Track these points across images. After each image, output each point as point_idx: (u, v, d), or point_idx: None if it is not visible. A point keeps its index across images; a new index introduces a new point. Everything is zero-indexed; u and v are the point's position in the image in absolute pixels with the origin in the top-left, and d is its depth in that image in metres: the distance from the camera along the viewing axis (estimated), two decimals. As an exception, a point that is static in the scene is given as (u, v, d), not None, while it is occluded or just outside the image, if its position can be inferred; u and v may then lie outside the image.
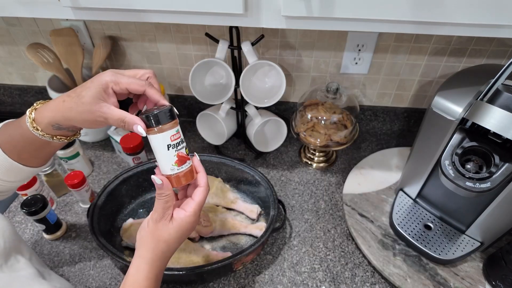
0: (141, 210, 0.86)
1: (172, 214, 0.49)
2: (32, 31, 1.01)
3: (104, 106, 0.44)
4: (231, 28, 0.82)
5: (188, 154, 0.48)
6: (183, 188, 0.53)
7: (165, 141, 0.46)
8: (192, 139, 1.08)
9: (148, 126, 0.45)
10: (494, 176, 0.58)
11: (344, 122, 0.90)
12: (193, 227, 0.50)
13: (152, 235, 0.48)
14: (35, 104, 0.47)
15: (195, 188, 0.51)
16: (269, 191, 0.80)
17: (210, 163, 0.89)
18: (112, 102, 0.45)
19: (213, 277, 0.73)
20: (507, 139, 0.56)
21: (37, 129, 0.46)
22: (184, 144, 0.48)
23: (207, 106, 1.06)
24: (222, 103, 0.94)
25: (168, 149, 0.46)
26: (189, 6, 0.57)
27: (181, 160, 0.47)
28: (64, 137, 0.49)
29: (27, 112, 0.46)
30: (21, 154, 0.49)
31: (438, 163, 0.66)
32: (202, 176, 0.50)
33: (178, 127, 0.47)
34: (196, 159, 0.52)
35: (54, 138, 0.47)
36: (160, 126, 0.45)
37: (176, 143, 0.47)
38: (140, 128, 0.44)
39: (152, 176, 0.48)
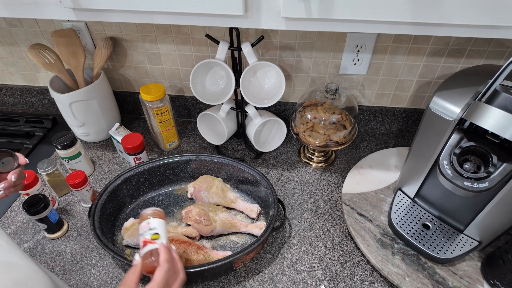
0: (142, 210, 0.86)
1: None
2: (34, 32, 1.01)
3: None
4: (231, 29, 0.83)
5: (153, 240, 0.57)
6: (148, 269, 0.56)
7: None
8: (193, 139, 1.09)
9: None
10: (492, 176, 0.59)
11: (343, 122, 0.90)
12: None
13: None
14: None
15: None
16: (269, 191, 0.80)
17: (210, 163, 0.89)
18: None
19: (213, 276, 0.73)
20: (505, 139, 0.56)
21: None
22: (152, 232, 0.58)
23: (207, 106, 1.07)
24: (222, 104, 0.95)
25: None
26: (190, 7, 0.57)
27: (144, 244, 0.57)
28: None
29: None
30: None
31: (436, 163, 0.66)
32: (162, 257, 0.54)
33: (149, 220, 0.60)
34: (162, 244, 0.57)
35: None
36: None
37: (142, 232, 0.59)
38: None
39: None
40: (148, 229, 0.58)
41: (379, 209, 0.84)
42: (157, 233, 0.58)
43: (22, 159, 0.62)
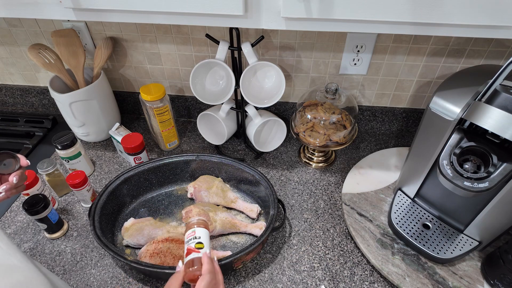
0: (142, 210, 0.86)
1: None
2: (34, 32, 1.01)
3: None
4: (231, 29, 0.83)
5: (198, 250, 0.58)
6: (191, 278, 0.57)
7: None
8: (193, 139, 1.09)
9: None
10: (492, 176, 0.59)
11: (343, 122, 0.90)
12: None
13: None
14: None
15: None
16: (269, 191, 0.80)
17: (210, 163, 0.89)
18: None
19: (213, 276, 0.73)
20: (505, 139, 0.56)
21: None
22: (196, 241, 0.60)
23: (207, 106, 1.07)
24: (222, 104, 0.95)
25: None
26: (190, 7, 0.57)
27: (188, 252, 0.59)
28: None
29: None
30: None
31: (436, 163, 0.66)
32: (204, 267, 0.55)
33: (194, 229, 0.62)
34: (206, 253, 0.58)
35: None
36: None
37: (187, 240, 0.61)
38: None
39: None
40: (193, 238, 0.60)
41: (379, 209, 0.84)
42: (201, 243, 0.59)
43: (23, 160, 0.63)
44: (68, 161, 0.91)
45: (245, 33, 0.92)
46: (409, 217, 0.79)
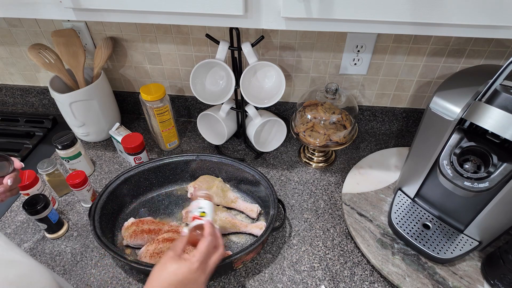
0: (142, 210, 0.86)
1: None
2: (34, 32, 1.01)
3: None
4: (231, 29, 0.83)
5: (201, 217, 0.64)
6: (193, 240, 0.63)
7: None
8: (193, 139, 1.09)
9: None
10: (492, 176, 0.59)
11: (343, 122, 0.90)
12: (193, 270, 0.55)
13: (159, 265, 0.56)
14: None
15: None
16: (269, 191, 0.80)
17: (210, 163, 0.89)
18: None
19: (213, 276, 0.73)
20: (505, 139, 0.56)
21: None
22: (200, 210, 0.66)
23: (207, 106, 1.07)
24: (222, 104, 0.95)
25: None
26: (190, 7, 0.57)
27: (192, 219, 0.65)
28: None
29: None
30: None
31: (436, 163, 0.66)
32: (206, 231, 0.60)
33: (199, 200, 0.68)
34: (208, 221, 0.63)
35: None
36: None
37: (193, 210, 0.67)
38: None
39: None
40: (198, 208, 0.66)
41: (379, 209, 0.84)
42: (204, 212, 0.65)
43: (17, 163, 0.63)
44: (68, 161, 0.91)
45: (245, 33, 0.92)
46: (409, 217, 0.79)
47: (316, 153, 0.99)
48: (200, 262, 0.56)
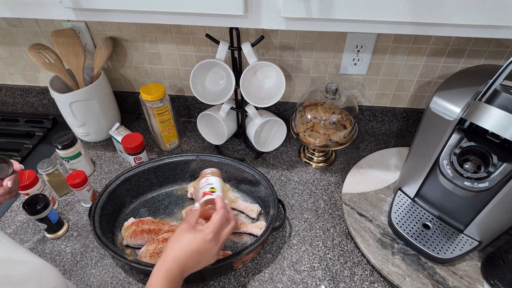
0: (142, 210, 0.86)
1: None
2: (34, 31, 1.01)
3: None
4: (231, 29, 0.83)
5: (211, 193, 0.66)
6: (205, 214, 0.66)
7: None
8: (193, 139, 1.09)
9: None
10: (492, 176, 0.59)
11: (343, 122, 0.90)
12: (207, 241, 0.58)
13: (174, 236, 0.58)
14: None
15: None
16: (269, 191, 0.80)
17: (210, 163, 0.89)
18: None
19: (213, 276, 0.73)
20: (505, 139, 0.56)
21: None
22: (210, 186, 0.67)
23: (207, 106, 1.07)
24: (222, 104, 0.95)
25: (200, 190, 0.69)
26: (190, 7, 0.57)
27: (203, 195, 0.67)
28: None
29: None
30: None
31: (436, 162, 0.66)
32: (218, 205, 0.63)
33: (208, 177, 0.69)
34: (219, 196, 0.66)
35: None
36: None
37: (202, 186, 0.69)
38: None
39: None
40: (207, 184, 0.68)
41: (379, 209, 0.84)
42: (214, 187, 0.67)
43: (16, 165, 0.63)
44: (68, 161, 0.91)
45: (245, 33, 0.92)
46: (409, 217, 0.79)
47: (316, 153, 0.99)
48: (214, 233, 0.58)
